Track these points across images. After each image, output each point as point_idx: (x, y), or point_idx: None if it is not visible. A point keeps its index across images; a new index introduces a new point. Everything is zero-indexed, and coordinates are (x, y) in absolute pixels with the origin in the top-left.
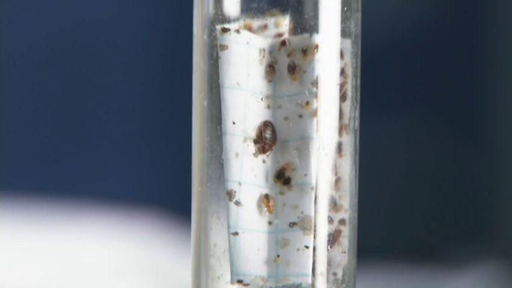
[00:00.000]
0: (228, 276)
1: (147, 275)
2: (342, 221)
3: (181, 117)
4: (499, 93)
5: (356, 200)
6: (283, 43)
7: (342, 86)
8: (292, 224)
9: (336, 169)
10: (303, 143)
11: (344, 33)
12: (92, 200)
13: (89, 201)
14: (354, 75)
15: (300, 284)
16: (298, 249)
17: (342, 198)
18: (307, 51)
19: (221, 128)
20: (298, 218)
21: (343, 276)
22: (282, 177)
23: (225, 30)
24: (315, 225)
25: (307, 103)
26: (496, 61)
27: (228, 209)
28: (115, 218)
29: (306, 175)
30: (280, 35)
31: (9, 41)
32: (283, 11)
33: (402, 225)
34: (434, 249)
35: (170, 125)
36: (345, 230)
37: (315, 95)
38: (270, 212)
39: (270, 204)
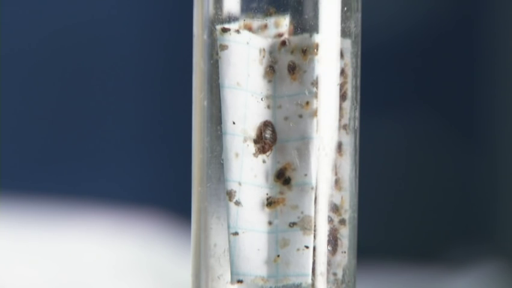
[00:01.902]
0: (228, 276)
1: (147, 275)
2: (342, 221)
3: (181, 117)
4: (499, 93)
5: (356, 200)
6: (283, 43)
7: (342, 86)
8: (292, 224)
9: (336, 169)
10: (303, 143)
11: (344, 33)
12: (92, 200)
13: (89, 201)
14: (354, 75)
15: (300, 284)
16: (298, 249)
17: (342, 198)
18: (307, 51)
19: (221, 128)
20: (298, 218)
21: (343, 276)
22: (282, 177)
23: (225, 30)
24: (315, 225)
25: (307, 103)
26: (496, 61)
27: (228, 209)
28: (115, 218)
29: (306, 175)
30: (280, 35)
31: (9, 41)
32: (283, 11)
33: (402, 225)
34: (434, 249)
35: (170, 125)
36: (345, 230)
37: (315, 95)
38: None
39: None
